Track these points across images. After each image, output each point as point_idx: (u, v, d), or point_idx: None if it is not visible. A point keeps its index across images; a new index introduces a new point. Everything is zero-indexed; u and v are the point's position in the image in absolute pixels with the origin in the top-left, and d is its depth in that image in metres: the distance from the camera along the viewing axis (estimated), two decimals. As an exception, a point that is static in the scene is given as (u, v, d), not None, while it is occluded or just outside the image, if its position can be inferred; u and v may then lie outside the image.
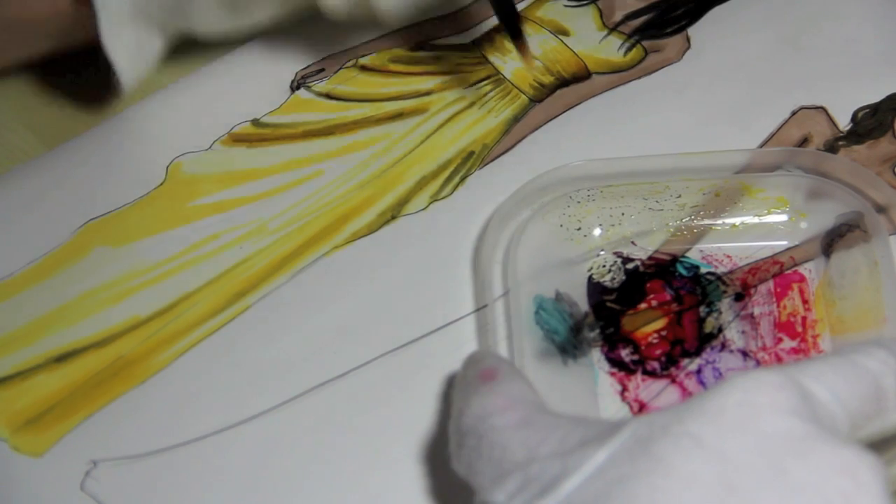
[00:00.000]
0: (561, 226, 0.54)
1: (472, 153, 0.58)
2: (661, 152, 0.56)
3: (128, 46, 0.52)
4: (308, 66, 0.61)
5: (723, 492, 0.33)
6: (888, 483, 0.34)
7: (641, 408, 0.50)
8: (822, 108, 0.58)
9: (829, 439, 0.34)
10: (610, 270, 0.54)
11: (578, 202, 0.54)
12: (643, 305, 0.53)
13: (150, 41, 0.55)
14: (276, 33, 0.61)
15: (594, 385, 0.51)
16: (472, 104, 0.59)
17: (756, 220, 0.54)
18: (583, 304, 0.53)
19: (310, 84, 0.61)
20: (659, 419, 0.36)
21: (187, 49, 0.61)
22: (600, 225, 0.54)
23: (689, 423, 0.35)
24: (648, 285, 0.53)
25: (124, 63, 0.53)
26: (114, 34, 0.52)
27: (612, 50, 0.61)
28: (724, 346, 0.51)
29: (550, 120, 0.59)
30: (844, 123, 0.57)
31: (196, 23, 0.56)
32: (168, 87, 0.61)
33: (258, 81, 0.60)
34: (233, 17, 0.56)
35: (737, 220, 0.54)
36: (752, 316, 0.52)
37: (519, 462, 0.37)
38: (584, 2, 0.63)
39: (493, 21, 0.62)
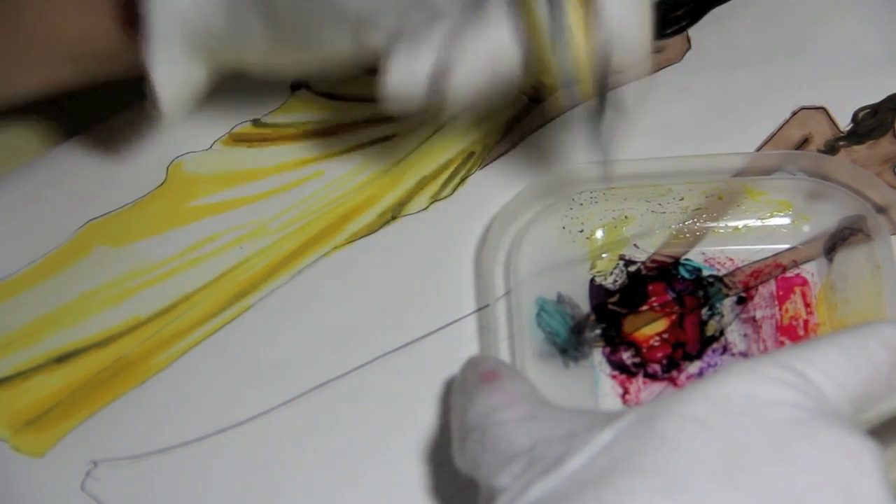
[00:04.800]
0: (563, 228, 0.54)
1: (472, 153, 0.58)
2: (661, 152, 0.56)
3: (176, 80, 0.46)
4: (309, 67, 0.61)
5: (731, 467, 0.34)
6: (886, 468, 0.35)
7: (643, 410, 0.50)
8: (823, 109, 0.58)
9: (833, 426, 0.35)
10: (612, 273, 0.54)
11: (581, 204, 0.54)
12: (645, 308, 0.53)
13: (197, 75, 0.48)
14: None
15: (595, 388, 0.51)
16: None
17: (759, 223, 0.54)
18: (584, 307, 0.53)
19: (311, 84, 0.60)
20: (662, 402, 0.36)
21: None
22: (603, 227, 0.54)
23: (693, 406, 0.35)
24: (650, 287, 0.53)
25: (170, 97, 0.46)
26: (164, 65, 0.45)
27: (612, 50, 0.61)
28: (725, 349, 0.51)
29: (551, 120, 0.59)
30: (845, 124, 0.57)
31: (247, 59, 0.48)
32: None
33: (259, 81, 0.59)
34: (280, 58, 0.48)
35: (739, 224, 0.54)
36: (753, 319, 0.52)
37: (525, 448, 0.38)
38: (585, 1, 0.63)
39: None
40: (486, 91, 0.43)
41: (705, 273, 0.53)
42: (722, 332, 0.52)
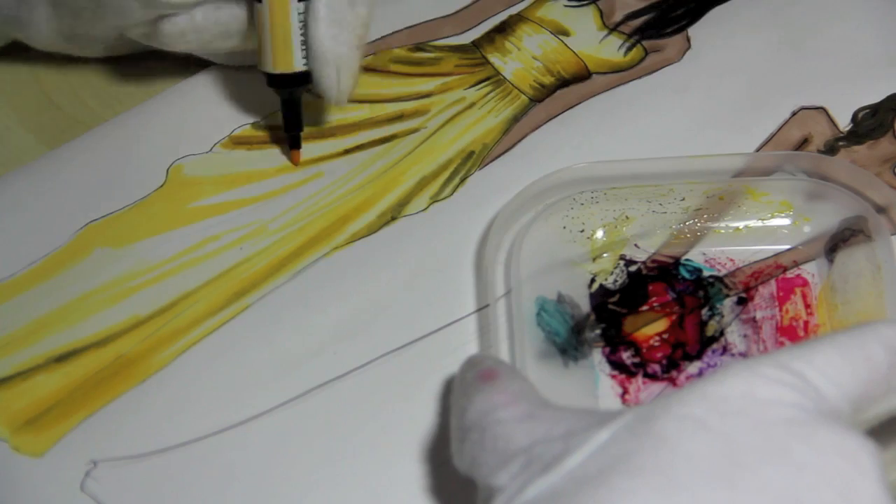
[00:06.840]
0: (564, 227, 0.54)
1: (471, 153, 0.58)
2: (660, 152, 0.56)
3: None
4: (309, 69, 0.61)
5: (729, 467, 0.34)
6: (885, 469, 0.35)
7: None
8: (823, 109, 0.58)
9: (831, 425, 0.35)
10: (612, 272, 0.54)
11: (582, 204, 0.54)
12: (645, 308, 0.53)
13: None
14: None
15: (595, 387, 0.51)
16: (471, 105, 0.59)
17: (760, 223, 0.54)
18: (585, 306, 0.53)
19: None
20: (660, 401, 0.36)
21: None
22: (603, 227, 0.54)
23: (692, 406, 0.35)
24: (651, 287, 0.53)
25: None
26: None
27: (612, 50, 0.61)
28: (725, 350, 0.51)
29: (550, 119, 0.59)
30: (844, 124, 0.57)
31: (31, 39, 0.59)
32: (169, 89, 0.61)
33: (259, 83, 0.59)
34: (67, 46, 0.59)
35: (740, 224, 0.54)
36: (754, 320, 0.52)
37: (523, 447, 0.38)
38: (585, 2, 0.63)
39: (494, 21, 0.62)
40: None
41: (706, 273, 0.53)
42: (722, 333, 0.52)
